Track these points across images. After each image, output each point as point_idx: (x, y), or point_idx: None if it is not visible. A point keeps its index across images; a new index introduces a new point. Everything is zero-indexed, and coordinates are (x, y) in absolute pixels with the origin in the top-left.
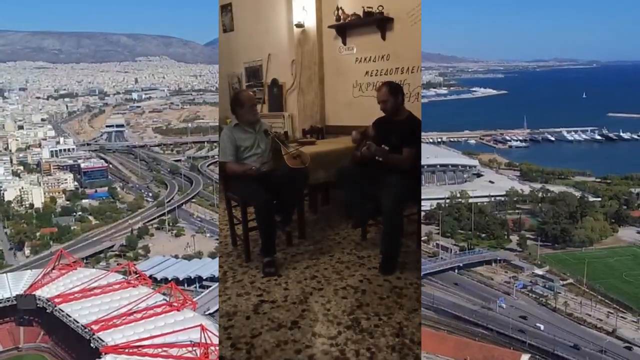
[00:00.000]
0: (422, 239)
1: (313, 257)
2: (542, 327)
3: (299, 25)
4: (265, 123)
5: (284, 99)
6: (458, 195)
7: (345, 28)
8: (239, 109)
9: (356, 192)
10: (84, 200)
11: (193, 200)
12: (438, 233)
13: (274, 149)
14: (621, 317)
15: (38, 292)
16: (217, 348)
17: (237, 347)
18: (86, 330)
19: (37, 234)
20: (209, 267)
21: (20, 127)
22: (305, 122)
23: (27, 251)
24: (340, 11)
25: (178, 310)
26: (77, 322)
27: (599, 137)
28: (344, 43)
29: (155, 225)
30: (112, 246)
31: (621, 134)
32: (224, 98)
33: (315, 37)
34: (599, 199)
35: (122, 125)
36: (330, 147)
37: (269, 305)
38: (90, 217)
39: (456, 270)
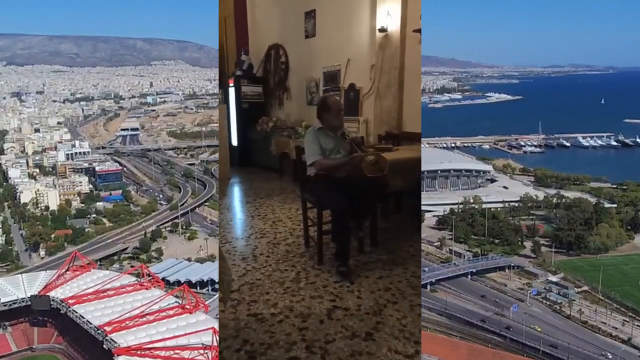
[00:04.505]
0: (435, 244)
1: (386, 267)
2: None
3: (382, 30)
4: (344, 127)
5: (360, 104)
6: (471, 200)
7: None
8: (326, 114)
9: None
10: (98, 203)
11: (206, 203)
12: (451, 238)
13: (352, 153)
14: (637, 325)
15: (52, 293)
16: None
17: (312, 351)
18: (99, 331)
19: (52, 235)
20: None
21: (37, 130)
22: (380, 128)
23: (42, 252)
24: None
25: (190, 312)
26: (91, 324)
27: (615, 143)
28: None
29: (168, 228)
30: (126, 248)
31: (638, 140)
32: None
33: (398, 41)
34: (615, 205)
35: (136, 129)
36: (408, 155)
37: (342, 312)
38: (105, 220)
39: (469, 276)
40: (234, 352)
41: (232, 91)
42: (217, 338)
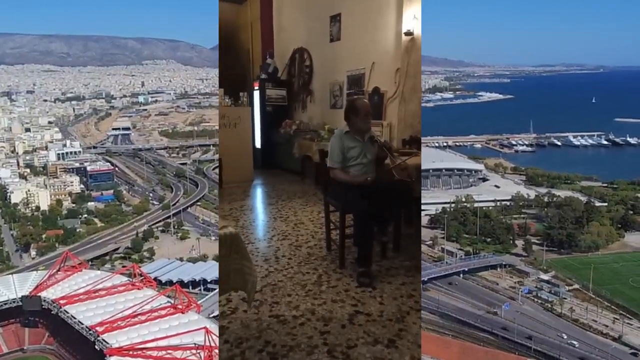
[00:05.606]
0: (428, 243)
1: (409, 274)
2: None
3: (408, 34)
4: (373, 131)
5: (384, 108)
6: (463, 199)
7: None
8: (353, 117)
9: None
10: (89, 203)
11: (198, 203)
12: (443, 237)
13: (378, 157)
14: (627, 323)
15: (43, 294)
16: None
17: (333, 355)
18: (91, 332)
19: (43, 236)
20: (214, 270)
21: (27, 130)
22: (404, 132)
23: (33, 253)
24: None
25: (182, 312)
26: (82, 324)
27: (605, 142)
28: None
29: (160, 228)
30: (118, 248)
31: (628, 139)
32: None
33: None
34: (606, 204)
35: (128, 128)
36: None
37: (364, 317)
38: (96, 220)
39: (461, 275)
40: (256, 352)
41: (256, 94)
42: (210, 338)
